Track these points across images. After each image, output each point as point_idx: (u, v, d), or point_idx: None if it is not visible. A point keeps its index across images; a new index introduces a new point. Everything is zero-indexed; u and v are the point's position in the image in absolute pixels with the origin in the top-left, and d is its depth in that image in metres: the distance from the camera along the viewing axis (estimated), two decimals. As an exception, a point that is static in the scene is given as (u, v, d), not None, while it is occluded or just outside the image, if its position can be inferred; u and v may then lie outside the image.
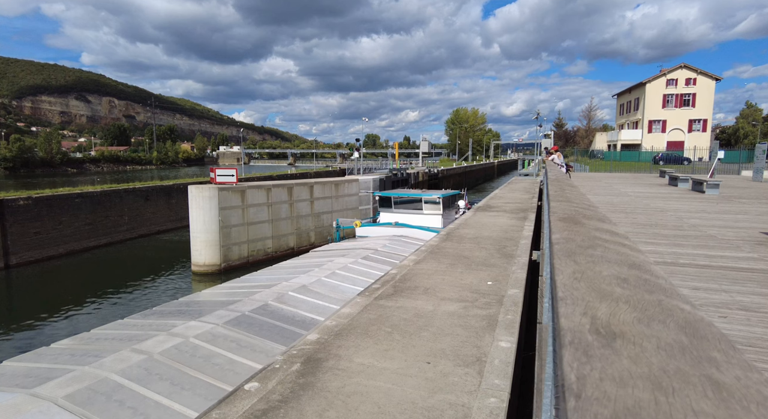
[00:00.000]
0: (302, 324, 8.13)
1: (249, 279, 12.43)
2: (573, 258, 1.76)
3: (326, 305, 9.09)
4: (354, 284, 10.79)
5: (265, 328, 7.74)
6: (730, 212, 8.34)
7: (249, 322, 7.92)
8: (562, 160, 22.31)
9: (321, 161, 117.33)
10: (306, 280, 10.73)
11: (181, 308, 9.40)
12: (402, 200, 21.41)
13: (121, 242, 24.07)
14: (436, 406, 2.23)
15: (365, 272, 11.93)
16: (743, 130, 76.56)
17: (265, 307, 8.70)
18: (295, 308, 8.84)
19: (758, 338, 2.58)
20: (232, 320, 7.91)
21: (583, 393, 0.72)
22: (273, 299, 9.13)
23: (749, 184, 16.50)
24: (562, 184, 7.52)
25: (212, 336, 7.22)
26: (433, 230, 18.36)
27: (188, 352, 6.65)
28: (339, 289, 10.32)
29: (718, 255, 4.71)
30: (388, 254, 14.73)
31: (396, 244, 16.58)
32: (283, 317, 8.36)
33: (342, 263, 12.58)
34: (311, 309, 8.86)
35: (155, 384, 5.80)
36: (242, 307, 8.65)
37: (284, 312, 8.59)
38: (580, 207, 3.88)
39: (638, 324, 1.02)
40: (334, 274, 11.40)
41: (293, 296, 9.50)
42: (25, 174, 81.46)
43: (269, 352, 6.74)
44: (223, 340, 7.10)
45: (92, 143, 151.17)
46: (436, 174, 49.45)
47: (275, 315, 8.41)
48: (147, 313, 9.47)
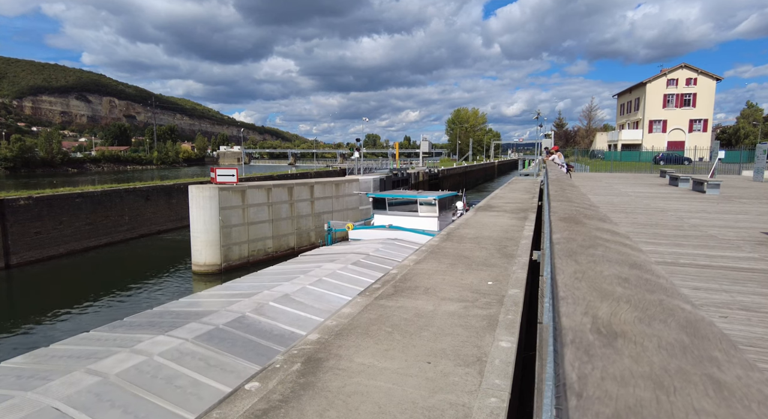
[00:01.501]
0: (280, 338, 7.56)
1: (230, 287, 11.71)
2: (574, 258, 1.76)
3: (308, 317, 8.54)
4: (341, 292, 10.19)
5: (238, 344, 7.20)
6: (731, 212, 8.34)
7: (222, 337, 7.37)
8: (563, 160, 22.30)
9: (321, 161, 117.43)
10: (289, 288, 10.08)
11: (152, 320, 8.79)
12: (396, 201, 20.69)
13: (122, 242, 24.08)
14: (437, 406, 2.23)
15: (354, 279, 11.30)
16: (744, 130, 76.53)
17: (241, 319, 8.15)
18: (273, 320, 8.27)
19: (759, 338, 2.58)
20: (204, 334, 7.34)
21: (584, 392, 0.73)
22: (251, 311, 8.55)
23: (750, 184, 16.49)
24: (562, 184, 7.52)
25: (179, 353, 6.67)
26: (429, 233, 17.83)
27: (149, 373, 6.09)
28: (324, 298, 9.72)
29: (718, 255, 4.71)
30: (380, 259, 14.06)
31: (389, 248, 15.99)
32: (260, 331, 7.80)
33: (330, 270, 11.95)
34: (291, 322, 8.30)
35: (104, 414, 5.19)
36: (217, 319, 8.10)
37: (261, 325, 8.03)
38: (580, 207, 3.88)
39: (639, 324, 1.02)
40: (321, 281, 10.79)
41: (273, 306, 8.93)
42: (26, 174, 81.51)
43: (240, 372, 6.23)
44: (191, 358, 6.57)
45: (93, 142, 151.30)
46: (436, 174, 49.45)
47: (251, 328, 7.86)
48: (115, 325, 8.82)
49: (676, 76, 58.02)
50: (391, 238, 18.29)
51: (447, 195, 20.71)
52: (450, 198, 21.14)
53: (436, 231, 18.04)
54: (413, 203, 20.05)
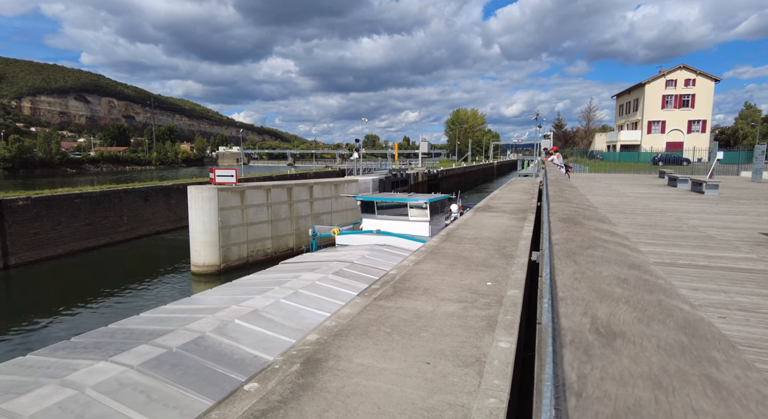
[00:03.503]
0: (240, 364, 6.70)
1: (197, 300, 10.67)
2: (573, 259, 1.76)
3: (276, 337, 7.66)
4: (318, 307, 9.22)
5: (190, 371, 6.38)
6: (729, 213, 8.35)
7: (173, 362, 6.51)
8: (562, 160, 22.34)
9: (320, 161, 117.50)
10: (260, 303, 9.19)
11: (101, 340, 7.80)
12: (386, 205, 19.39)
13: (121, 243, 24.05)
14: (436, 407, 2.23)
15: (334, 292, 10.37)
16: (742, 131, 76.74)
17: (199, 340, 7.26)
18: (236, 341, 7.39)
19: (757, 338, 2.59)
20: (152, 360, 6.49)
21: (583, 392, 0.73)
22: (212, 330, 7.66)
23: (748, 185, 16.52)
24: (561, 185, 7.53)
25: (118, 384, 5.83)
26: (419, 239, 16.94)
27: (75, 412, 5.23)
28: (297, 314, 8.79)
29: (717, 256, 4.72)
30: (365, 268, 12.99)
31: (376, 255, 14.98)
32: (219, 354, 6.96)
33: (308, 281, 10.96)
34: (256, 343, 7.41)
35: None
36: (172, 340, 7.22)
37: (221, 348, 7.15)
38: (579, 208, 3.89)
39: (638, 324, 1.02)
40: (296, 294, 9.86)
41: (238, 325, 8.04)
42: (25, 174, 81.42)
43: (185, 409, 5.47)
44: (131, 391, 5.74)
45: (91, 143, 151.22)
46: (435, 175, 49.49)
47: (209, 351, 7.00)
48: (59, 346, 7.89)
49: (674, 77, 58.18)
50: (380, 244, 17.44)
51: (438, 198, 19.50)
52: (442, 201, 19.98)
53: (427, 236, 17.26)
54: (403, 207, 18.96)
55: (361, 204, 19.75)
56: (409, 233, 18.06)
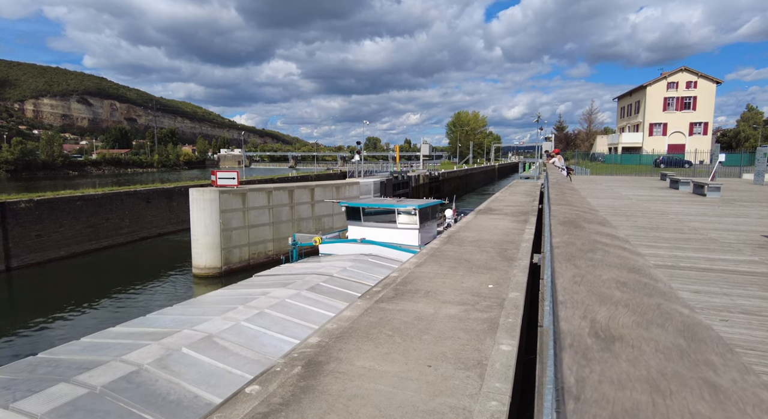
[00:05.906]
0: (174, 407, 5.70)
1: (149, 321, 9.38)
2: (573, 262, 1.77)
3: (226, 371, 6.61)
4: (282, 330, 8.15)
5: None
6: (731, 215, 8.34)
7: (91, 408, 5.44)
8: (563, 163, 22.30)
9: (322, 163, 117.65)
10: (217, 326, 8.12)
11: (18, 376, 6.57)
12: (373, 211, 18.00)
13: (123, 245, 24.10)
14: (437, 409, 2.23)
15: (304, 312, 9.18)
16: (744, 133, 76.60)
17: (133, 376, 6.23)
18: (177, 376, 6.36)
19: (759, 342, 2.59)
20: (66, 404, 5.38)
21: (582, 395, 0.74)
22: (152, 361, 6.60)
23: (750, 187, 16.49)
24: (562, 187, 7.53)
25: None
26: (408, 249, 15.85)
27: None
28: (257, 341, 7.72)
29: (718, 258, 4.71)
30: (345, 282, 11.76)
31: (360, 267, 13.68)
32: (152, 394, 5.92)
33: (277, 298, 9.82)
34: (201, 378, 6.38)
35: None
36: (99, 376, 6.17)
37: (157, 386, 6.10)
38: (580, 211, 3.89)
39: (637, 328, 1.03)
40: (261, 315, 8.76)
41: (185, 354, 6.99)
42: (27, 177, 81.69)
43: None
44: None
45: (93, 145, 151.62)
46: (436, 177, 49.51)
47: (141, 390, 5.96)
48: None
49: (676, 79, 58.12)
50: (365, 253, 16.38)
51: (429, 204, 18.01)
52: (433, 207, 18.51)
53: (416, 245, 16.23)
54: (391, 213, 17.53)
55: (346, 210, 18.49)
56: (397, 241, 16.93)
